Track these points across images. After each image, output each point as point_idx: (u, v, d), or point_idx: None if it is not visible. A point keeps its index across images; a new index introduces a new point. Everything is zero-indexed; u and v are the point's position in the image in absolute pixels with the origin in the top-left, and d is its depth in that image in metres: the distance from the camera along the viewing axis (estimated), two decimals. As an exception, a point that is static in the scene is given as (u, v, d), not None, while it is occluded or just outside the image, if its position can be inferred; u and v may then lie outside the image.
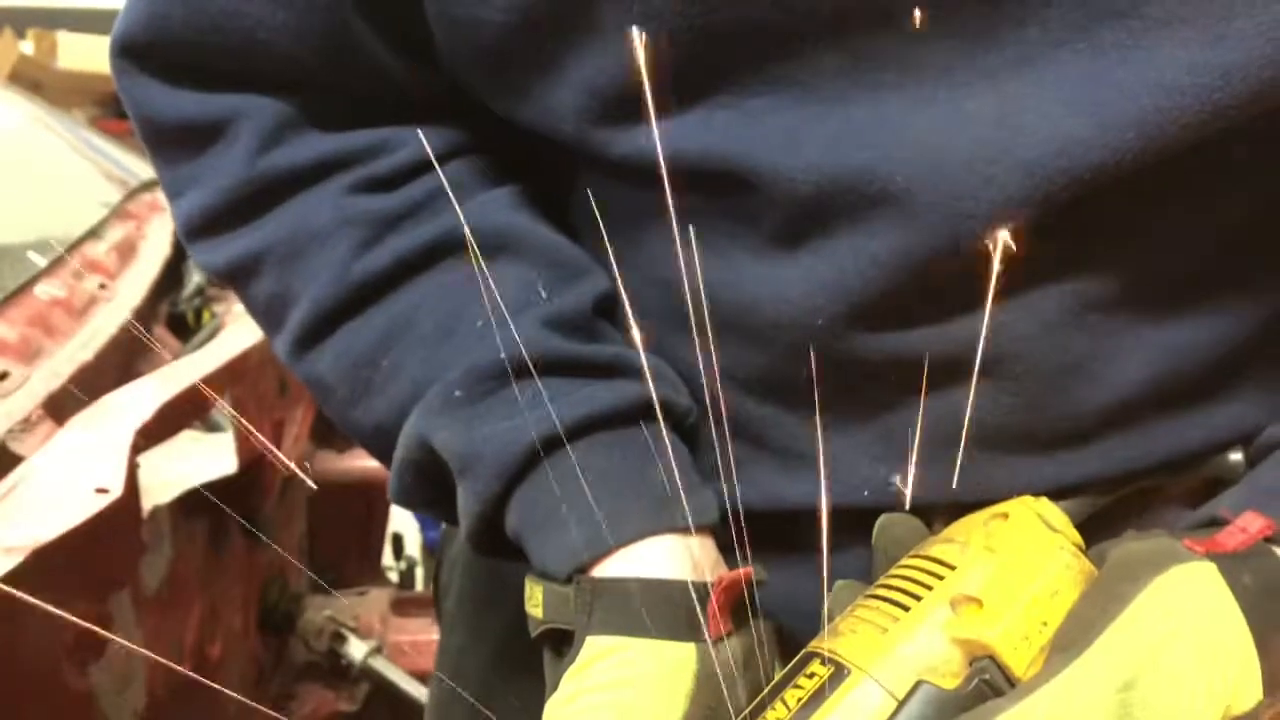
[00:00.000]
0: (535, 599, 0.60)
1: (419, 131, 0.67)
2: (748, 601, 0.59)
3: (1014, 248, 0.55)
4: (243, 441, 1.49)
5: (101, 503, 1.08)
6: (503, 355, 0.61)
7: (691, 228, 0.62)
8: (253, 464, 1.52)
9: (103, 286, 1.64)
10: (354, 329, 0.66)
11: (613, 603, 0.57)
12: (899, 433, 0.62)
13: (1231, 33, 0.51)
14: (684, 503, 0.60)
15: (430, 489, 0.65)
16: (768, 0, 0.53)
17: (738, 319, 0.62)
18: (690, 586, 0.58)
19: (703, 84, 0.57)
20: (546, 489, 0.60)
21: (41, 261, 1.58)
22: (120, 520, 1.12)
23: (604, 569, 0.59)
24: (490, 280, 0.64)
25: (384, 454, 0.67)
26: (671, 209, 0.65)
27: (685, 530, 0.60)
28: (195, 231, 0.69)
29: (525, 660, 0.66)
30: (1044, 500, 0.59)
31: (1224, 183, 0.58)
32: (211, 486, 1.44)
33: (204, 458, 1.49)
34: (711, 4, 0.54)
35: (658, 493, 0.60)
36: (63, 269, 1.60)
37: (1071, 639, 0.51)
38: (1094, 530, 0.59)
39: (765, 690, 0.55)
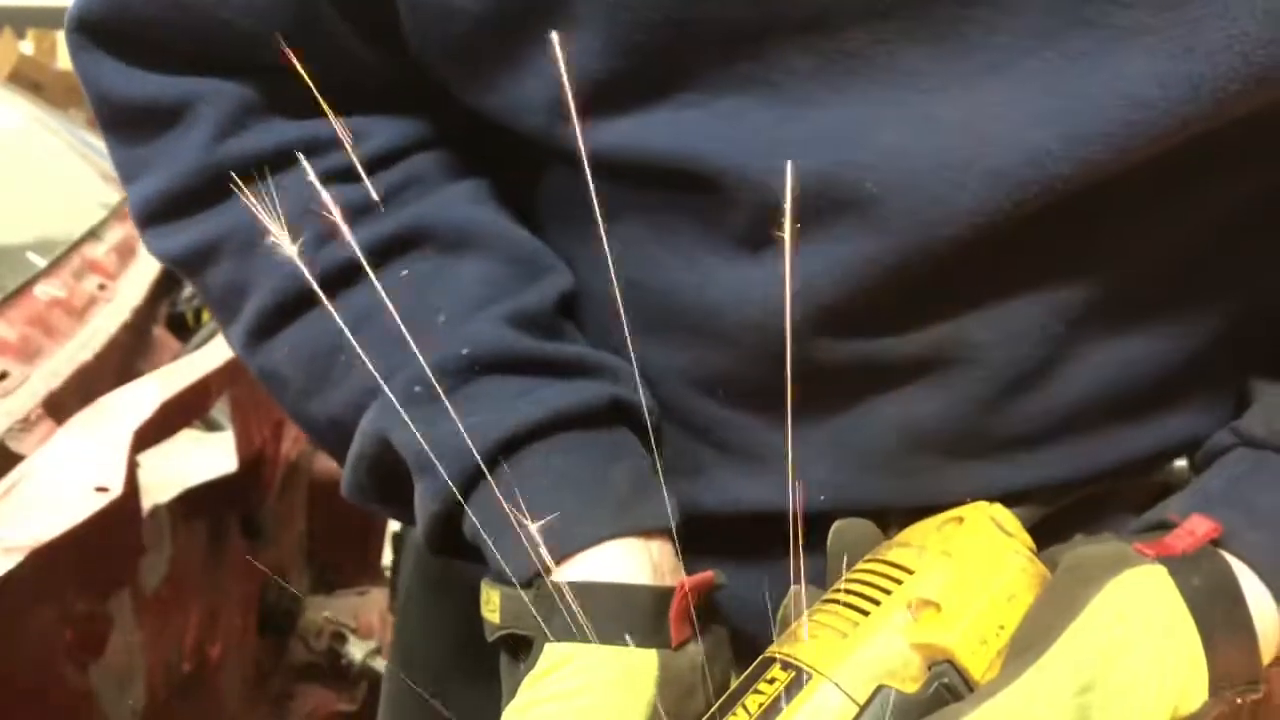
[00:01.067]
0: (492, 604, 0.59)
1: (385, 122, 0.66)
2: (693, 607, 0.58)
3: (982, 253, 0.55)
4: (242, 440, 1.49)
5: (101, 502, 1.08)
6: (465, 352, 0.61)
7: (657, 226, 0.62)
8: (252, 463, 1.52)
9: (102, 287, 1.64)
10: (312, 321, 0.64)
11: (573, 608, 0.56)
12: (857, 436, 0.62)
13: (1200, 45, 0.50)
14: (644, 506, 0.60)
15: (386, 486, 0.64)
16: None
17: (701, 320, 0.62)
18: (653, 591, 0.57)
19: (672, 81, 0.56)
20: (507, 490, 0.59)
21: (41, 261, 1.58)
22: (120, 519, 1.12)
23: (564, 573, 0.58)
24: (452, 275, 0.64)
25: (338, 449, 0.66)
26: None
27: (646, 534, 0.59)
28: (150, 217, 0.67)
29: (476, 659, 0.65)
30: (997, 505, 0.60)
31: (1188, 193, 0.58)
32: (211, 486, 1.44)
33: (204, 457, 1.49)
34: None
35: (619, 495, 0.59)
36: (62, 269, 1.60)
37: (1029, 643, 0.52)
38: (1043, 535, 0.60)
39: (724, 696, 0.55)
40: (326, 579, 1.94)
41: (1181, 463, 0.66)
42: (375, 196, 0.64)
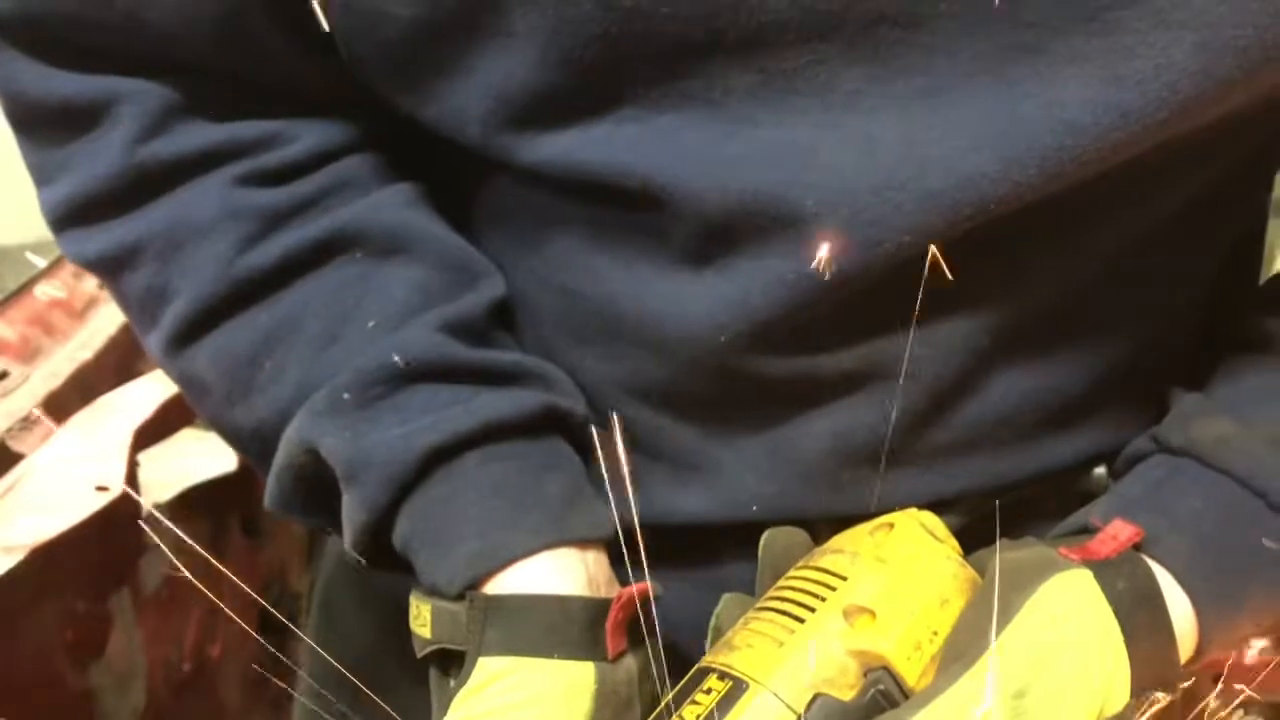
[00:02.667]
0: (422, 617, 0.58)
1: (313, 125, 0.64)
2: (629, 619, 0.58)
3: (917, 271, 0.56)
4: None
5: (101, 501, 1.08)
6: (396, 359, 0.60)
7: (597, 239, 0.61)
8: (253, 463, 1.51)
9: (102, 287, 1.64)
10: (236, 327, 0.63)
11: (507, 621, 0.56)
12: (791, 448, 0.63)
13: (1130, 73, 0.51)
14: (580, 516, 0.59)
15: (311, 496, 0.63)
16: (683, 14, 0.52)
17: (640, 332, 0.61)
18: (589, 602, 0.57)
19: (613, 95, 0.56)
20: (438, 500, 0.59)
21: (41, 262, 1.58)
22: (120, 519, 1.12)
23: (497, 585, 0.57)
24: (383, 281, 0.62)
25: (262, 458, 0.64)
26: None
27: (580, 544, 0.59)
28: (65, 220, 0.65)
29: (394, 673, 0.64)
30: (926, 512, 0.61)
31: (1114, 213, 0.59)
32: (211, 486, 1.44)
33: (204, 457, 1.49)
34: (626, 14, 0.53)
35: (553, 505, 0.59)
36: (63, 269, 1.61)
37: (963, 648, 0.52)
38: (968, 542, 0.61)
39: (659, 707, 0.55)
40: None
41: (1100, 470, 0.68)
42: (303, 200, 0.63)
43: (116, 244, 0.63)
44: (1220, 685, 0.60)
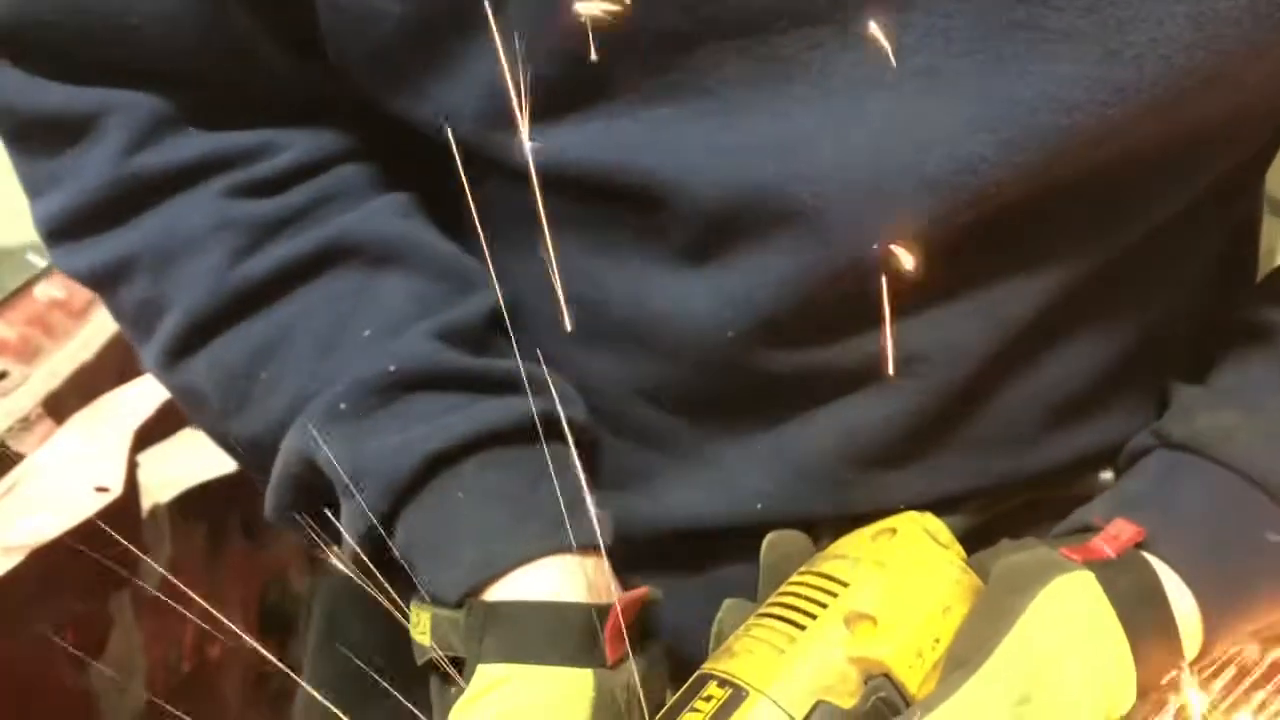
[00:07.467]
0: (422, 625, 0.59)
1: (303, 134, 0.64)
2: (629, 624, 0.59)
3: (922, 264, 0.56)
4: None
5: (101, 502, 1.08)
6: (392, 368, 0.60)
7: (596, 238, 0.61)
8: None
9: (103, 287, 1.64)
10: (231, 338, 0.63)
11: (506, 628, 0.56)
12: (796, 446, 0.63)
13: (1127, 48, 0.51)
14: (578, 522, 0.59)
15: (310, 506, 0.63)
16: (674, 2, 0.52)
17: (642, 333, 0.62)
18: (587, 609, 0.57)
19: (604, 88, 0.56)
20: (437, 508, 0.59)
21: (41, 262, 1.58)
22: (120, 519, 1.12)
23: (496, 592, 0.57)
24: (378, 291, 0.63)
25: (261, 469, 0.65)
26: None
27: (580, 550, 0.59)
28: (57, 234, 0.65)
29: (393, 686, 0.63)
30: (929, 515, 0.61)
31: (1122, 201, 0.59)
32: (211, 486, 1.44)
33: (204, 457, 1.49)
34: (616, 2, 0.52)
35: (552, 512, 0.59)
36: (63, 269, 1.60)
37: (965, 656, 0.52)
38: (973, 546, 0.61)
39: (659, 715, 0.55)
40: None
41: (1108, 474, 0.67)
42: (295, 210, 0.63)
43: (108, 258, 0.64)
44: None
